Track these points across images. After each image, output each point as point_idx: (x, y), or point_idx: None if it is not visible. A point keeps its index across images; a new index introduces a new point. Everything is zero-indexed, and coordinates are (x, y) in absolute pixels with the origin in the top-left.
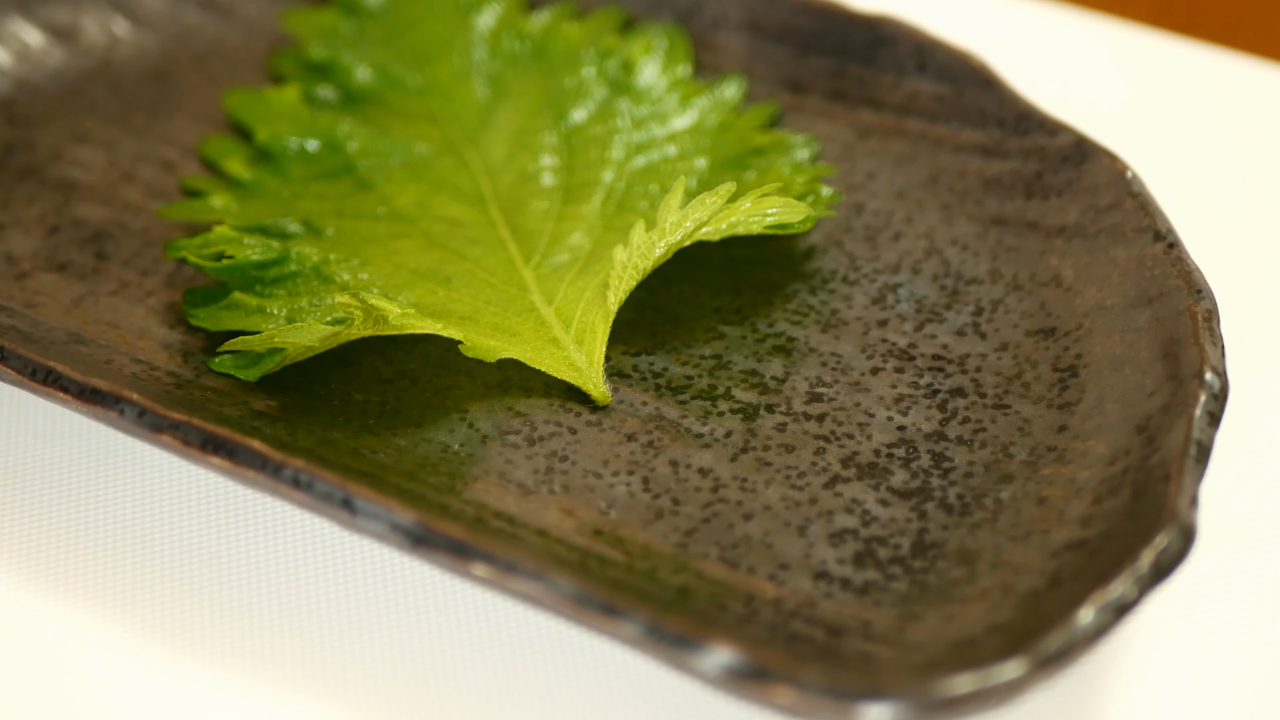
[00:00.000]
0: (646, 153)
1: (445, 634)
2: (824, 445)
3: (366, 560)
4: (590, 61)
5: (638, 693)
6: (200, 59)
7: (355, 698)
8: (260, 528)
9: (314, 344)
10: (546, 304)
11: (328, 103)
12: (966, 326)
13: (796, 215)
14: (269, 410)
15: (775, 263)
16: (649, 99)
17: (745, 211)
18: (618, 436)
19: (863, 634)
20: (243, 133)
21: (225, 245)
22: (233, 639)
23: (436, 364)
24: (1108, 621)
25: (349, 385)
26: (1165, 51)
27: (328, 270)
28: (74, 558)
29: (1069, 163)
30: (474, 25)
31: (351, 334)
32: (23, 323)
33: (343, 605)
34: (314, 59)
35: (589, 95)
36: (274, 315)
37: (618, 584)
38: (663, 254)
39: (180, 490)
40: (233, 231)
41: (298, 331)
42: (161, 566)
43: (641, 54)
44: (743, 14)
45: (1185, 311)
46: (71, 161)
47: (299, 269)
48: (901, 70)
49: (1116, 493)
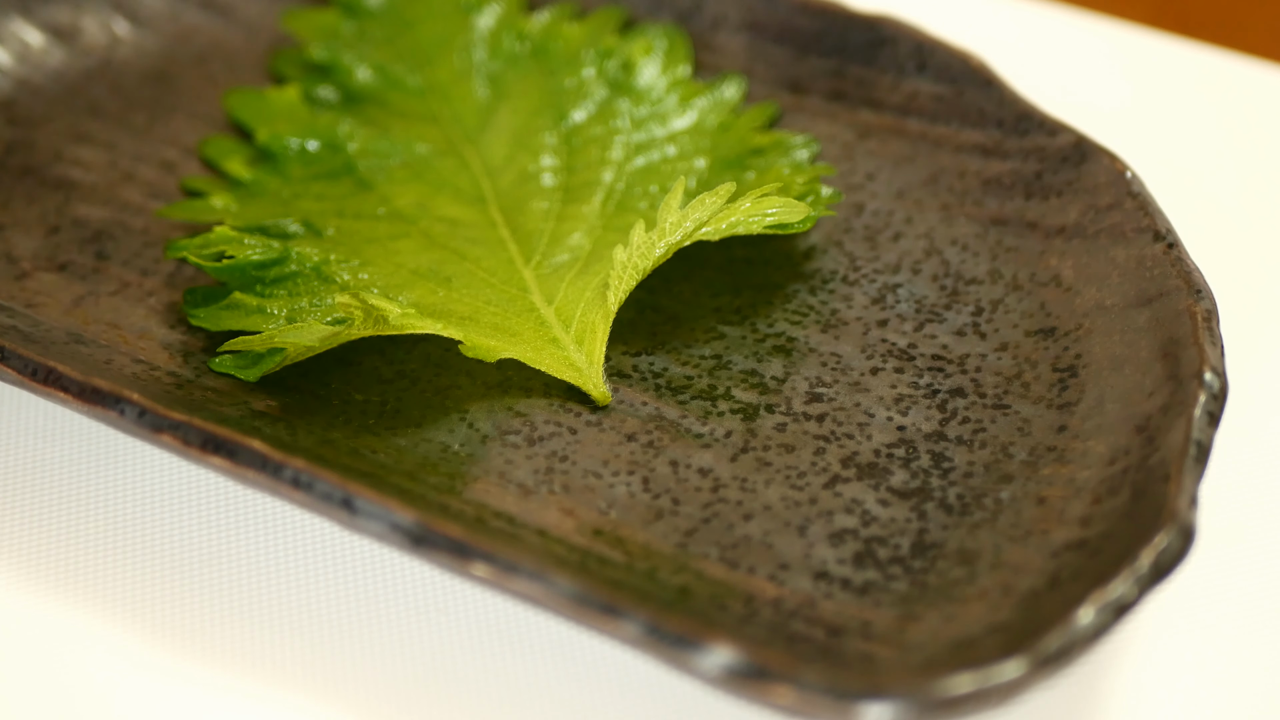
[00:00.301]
0: (646, 153)
1: (445, 634)
2: (824, 445)
3: (366, 560)
4: (590, 62)
5: (638, 693)
6: (200, 59)
7: (355, 698)
8: (260, 528)
9: (314, 344)
10: (546, 304)
11: (328, 103)
12: (966, 326)
13: (796, 215)
14: (269, 410)
15: (775, 263)
16: (649, 99)
17: (745, 211)
18: (618, 436)
19: (863, 634)
20: (243, 133)
21: (225, 245)
22: (233, 639)
23: (436, 364)
24: (1107, 621)
25: (349, 385)
26: (1165, 51)
27: (328, 270)
28: (74, 558)
29: (1069, 163)
30: (474, 25)
31: (351, 334)
32: (23, 323)
33: (343, 605)
34: (314, 59)
35: (589, 95)
36: (274, 315)
37: (618, 584)
38: (663, 254)
39: (180, 490)
40: (233, 231)
41: (298, 331)
42: (161, 566)
43: (641, 54)
44: (743, 14)
45: (1185, 311)
46: (71, 161)
47: (299, 269)
48: (901, 70)
49: (1116, 493)
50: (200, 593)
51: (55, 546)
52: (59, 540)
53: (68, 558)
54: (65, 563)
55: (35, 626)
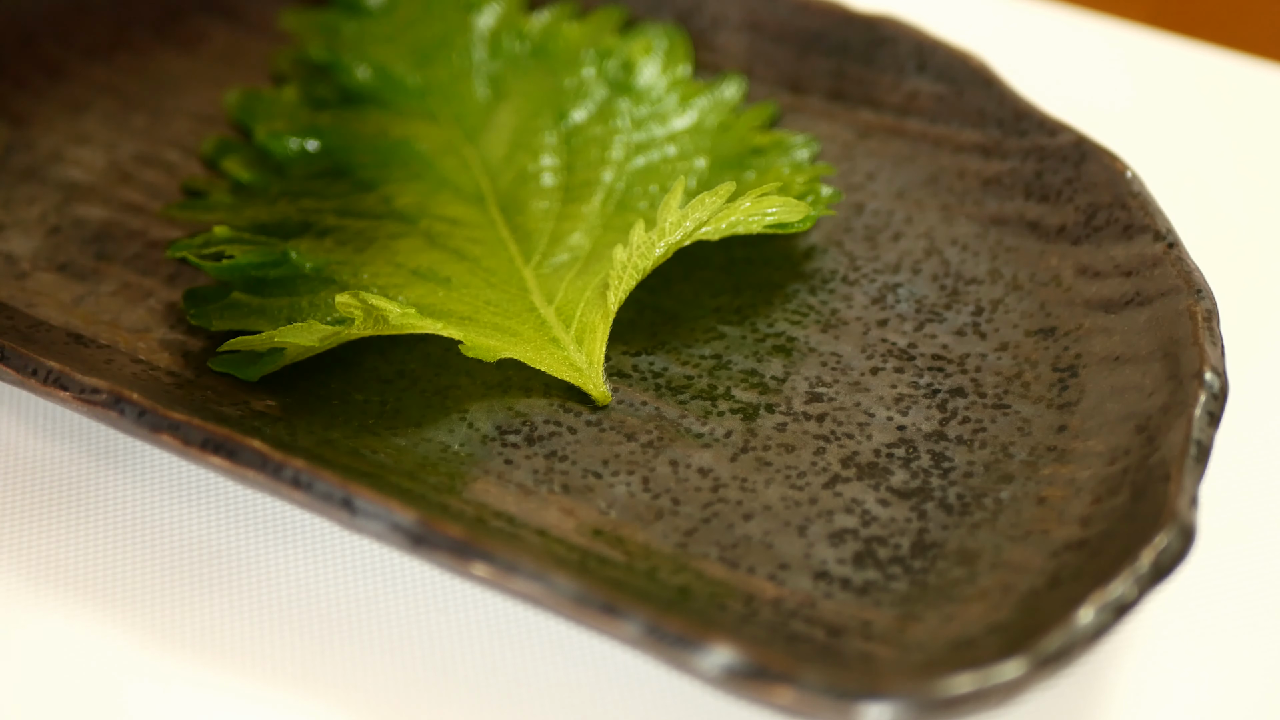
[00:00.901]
0: (646, 153)
1: (445, 634)
2: (824, 445)
3: (366, 560)
4: (590, 61)
5: (638, 693)
6: (201, 59)
7: (355, 698)
8: (260, 528)
9: (314, 344)
10: (546, 304)
11: (328, 103)
12: (966, 326)
13: (796, 215)
14: (269, 410)
15: (775, 263)
16: (649, 99)
17: (745, 211)
18: (618, 436)
19: (863, 634)
20: (243, 132)
21: (225, 245)
22: (233, 639)
23: (436, 364)
24: (1107, 621)
25: (349, 385)
26: (1165, 51)
27: (328, 270)
28: (74, 558)
29: (1069, 163)
30: (474, 25)
31: (351, 334)
32: (23, 323)
33: (343, 605)
34: (314, 59)
35: (589, 95)
36: (274, 315)
37: (618, 584)
38: (663, 254)
39: (180, 490)
40: (233, 231)
41: (298, 331)
42: (161, 566)
43: (641, 54)
44: (743, 14)
45: (1185, 311)
46: (71, 161)
47: (299, 269)
48: (901, 70)
49: (1116, 493)
50: (200, 593)
51: (55, 546)
52: (59, 540)
53: (68, 558)
54: (65, 562)
55: (35, 626)
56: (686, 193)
